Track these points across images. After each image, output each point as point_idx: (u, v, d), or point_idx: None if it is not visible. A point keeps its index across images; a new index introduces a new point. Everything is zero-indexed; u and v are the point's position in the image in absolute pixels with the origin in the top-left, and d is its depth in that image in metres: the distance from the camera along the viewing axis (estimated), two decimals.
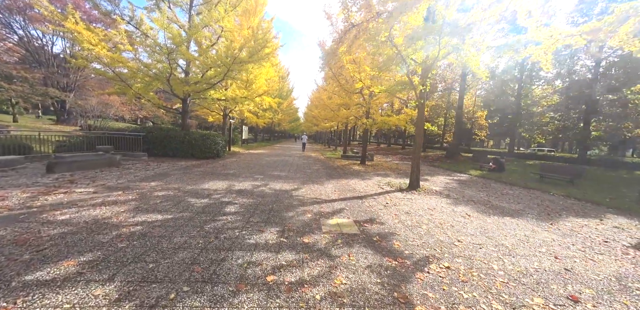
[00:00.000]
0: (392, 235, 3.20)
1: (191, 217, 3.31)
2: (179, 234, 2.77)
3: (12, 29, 21.32)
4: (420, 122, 6.07)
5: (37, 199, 3.60)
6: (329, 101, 13.04)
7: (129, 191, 4.37)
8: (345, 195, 5.36)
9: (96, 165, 6.41)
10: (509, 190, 7.28)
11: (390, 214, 4.17)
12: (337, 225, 3.46)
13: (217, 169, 7.59)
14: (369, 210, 4.31)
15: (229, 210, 3.75)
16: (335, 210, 4.19)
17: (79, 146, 8.26)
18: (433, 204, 5.04)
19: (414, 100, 5.99)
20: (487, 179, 9.38)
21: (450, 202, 5.24)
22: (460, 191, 6.63)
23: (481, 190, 7.02)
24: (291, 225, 3.31)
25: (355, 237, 3.04)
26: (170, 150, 9.48)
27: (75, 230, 2.64)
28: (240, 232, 2.93)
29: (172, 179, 5.73)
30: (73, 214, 3.12)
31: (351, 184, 6.77)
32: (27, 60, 22.86)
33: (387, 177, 8.38)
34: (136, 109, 24.88)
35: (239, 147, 18.33)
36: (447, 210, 4.61)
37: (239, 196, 4.60)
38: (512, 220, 4.15)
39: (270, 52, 9.37)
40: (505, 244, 3.10)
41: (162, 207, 3.62)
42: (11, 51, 22.42)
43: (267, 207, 4.03)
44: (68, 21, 6.30)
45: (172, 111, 10.91)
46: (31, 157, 6.87)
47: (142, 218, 3.15)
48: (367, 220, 3.76)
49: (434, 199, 5.50)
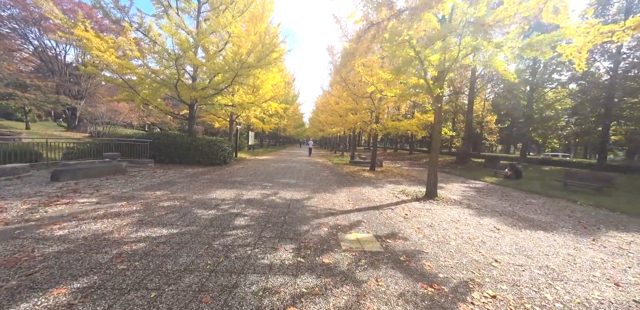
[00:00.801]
0: (419, 253, 2.87)
1: (198, 232, 3.04)
2: (185, 252, 2.50)
3: (27, 40, 22.03)
4: (437, 127, 5.76)
5: (37, 210, 3.39)
6: (337, 106, 12.85)
7: (133, 201, 4.15)
8: (360, 205, 5.04)
9: (102, 173, 6.25)
10: (531, 199, 6.83)
11: (412, 227, 3.83)
12: (357, 241, 3.15)
13: (225, 177, 7.36)
14: (389, 222, 3.98)
15: (239, 223, 3.48)
16: (352, 222, 3.87)
17: (87, 153, 8.17)
18: (455, 215, 4.67)
19: (430, 104, 5.69)
20: (505, 187, 8.93)
21: (473, 213, 4.86)
22: (480, 200, 6.24)
23: (502, 199, 6.60)
24: (307, 241, 3.01)
25: (379, 256, 2.72)
26: (177, 157, 9.34)
27: (72, 249, 2.39)
28: (252, 250, 2.64)
29: (179, 187, 5.51)
30: (72, 228, 2.89)
31: (364, 192, 6.44)
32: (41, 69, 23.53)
33: (400, 185, 8.03)
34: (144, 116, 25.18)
35: (246, 153, 18.20)
36: (472, 222, 4.24)
37: (248, 207, 4.33)
38: (547, 235, 3.76)
39: (278, 57, 9.27)
40: (550, 265, 2.73)
41: (167, 220, 3.37)
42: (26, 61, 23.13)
43: (279, 219, 3.75)
44: (77, 28, 6.29)
45: (179, 117, 10.86)
46: (38, 164, 6.78)
47: (146, 233, 2.90)
48: (388, 234, 3.43)
49: (454, 209, 5.13)
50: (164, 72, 8.00)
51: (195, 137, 10.07)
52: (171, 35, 7.47)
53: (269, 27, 12.06)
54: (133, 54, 7.34)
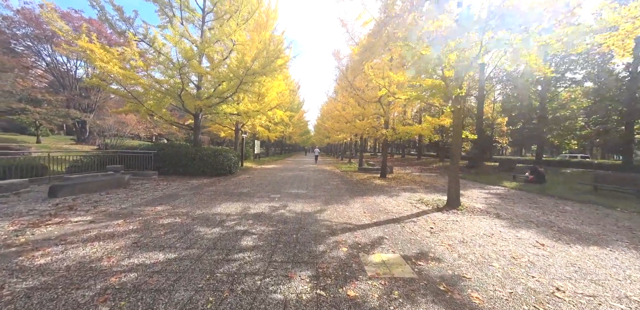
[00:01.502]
0: (461, 279, 2.39)
1: (199, 256, 2.64)
2: (182, 284, 2.09)
3: (41, 56, 22.79)
4: (457, 130, 5.33)
5: (23, 233, 3.07)
6: (344, 112, 12.55)
7: (131, 219, 3.79)
8: (378, 217, 4.57)
9: (103, 187, 5.98)
10: (564, 206, 6.23)
11: (442, 243, 3.35)
12: (383, 264, 2.69)
13: (230, 188, 7.01)
14: (414, 239, 3.51)
15: (246, 243, 3.07)
16: (373, 239, 3.41)
17: (90, 166, 7.98)
18: (487, 227, 4.16)
19: (449, 106, 5.30)
20: (529, 192, 8.30)
21: (506, 225, 4.34)
22: (508, 209, 5.68)
23: (532, 206, 6.02)
24: (325, 266, 2.57)
25: (414, 285, 2.25)
26: (182, 168, 9.08)
27: (49, 284, 2.02)
28: (262, 280, 2.22)
29: (181, 201, 5.16)
30: (57, 254, 2.53)
31: (379, 202, 5.97)
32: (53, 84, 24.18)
33: (416, 193, 7.52)
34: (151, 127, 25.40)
35: (252, 162, 17.95)
36: (509, 236, 3.73)
37: (256, 223, 3.93)
38: (604, 252, 3.21)
39: (283, 64, 9.09)
40: (630, 295, 2.21)
41: (165, 242, 2.99)
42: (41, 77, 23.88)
43: (291, 238, 3.32)
44: (81, 40, 6.22)
45: (184, 127, 10.70)
46: (39, 179, 6.57)
47: (140, 259, 2.52)
48: (417, 254, 2.96)
49: (483, 220, 4.61)
50: (168, 82, 7.87)
51: (200, 147, 9.84)
52: (174, 44, 7.37)
53: (273, 34, 12.02)
54: (137, 64, 7.24)
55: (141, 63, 7.33)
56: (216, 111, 9.68)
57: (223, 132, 17.79)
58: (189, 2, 8.80)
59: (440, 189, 8.57)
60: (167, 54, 8.24)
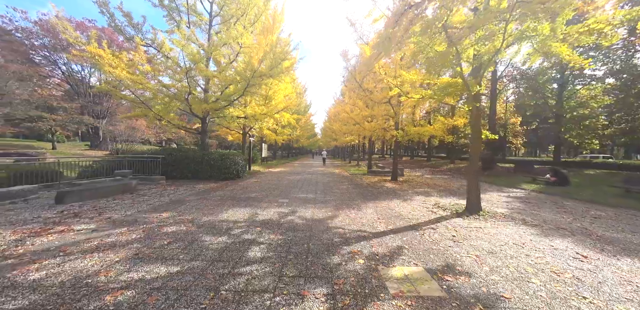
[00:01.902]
0: (499, 300, 2.08)
1: (204, 270, 2.43)
2: (183, 304, 1.87)
3: (57, 65, 23.61)
4: (476, 130, 4.99)
5: (23, 243, 2.93)
6: (352, 114, 12.29)
7: (135, 227, 3.63)
8: (393, 224, 4.27)
9: (110, 193, 5.90)
10: (595, 210, 5.75)
11: (468, 254, 3.03)
12: (406, 279, 2.40)
13: (238, 193, 6.83)
14: (436, 249, 3.19)
15: (254, 255, 2.84)
16: (392, 249, 3.12)
17: (99, 171, 7.99)
18: (515, 235, 3.79)
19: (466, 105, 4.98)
20: (552, 195, 7.79)
21: (536, 233, 3.95)
22: (534, 214, 5.26)
23: (559, 211, 5.58)
24: (342, 281, 2.30)
25: (445, 306, 1.96)
26: (189, 172, 9.00)
27: (39, 303, 1.83)
28: (272, 300, 1.97)
29: (187, 207, 5.00)
30: (53, 268, 2.36)
31: (393, 207, 5.65)
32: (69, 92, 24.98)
33: (431, 196, 7.15)
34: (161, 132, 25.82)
35: (259, 165, 17.86)
36: (542, 246, 3.36)
37: (264, 230, 3.70)
38: None
39: (290, 66, 8.97)
40: None
41: (168, 253, 2.79)
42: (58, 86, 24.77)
43: (302, 248, 3.07)
44: (90, 46, 6.25)
45: (191, 131, 10.68)
46: (50, 185, 6.57)
47: (139, 273, 2.32)
48: (443, 267, 2.66)
49: (509, 227, 4.24)
50: (175, 86, 7.84)
51: (207, 151, 9.77)
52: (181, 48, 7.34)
53: (279, 37, 11.96)
54: (145, 68, 7.24)
55: (149, 68, 7.33)
56: (223, 114, 9.62)
57: (231, 136, 17.83)
58: (196, 6, 8.84)
59: (455, 192, 8.16)
60: (175, 59, 8.25)
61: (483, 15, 3.21)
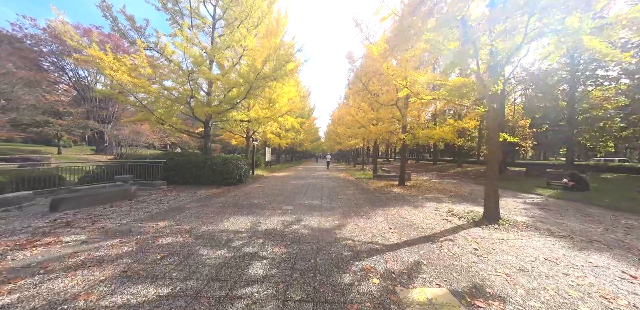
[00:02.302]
0: None
1: (198, 292, 2.13)
2: None
3: (64, 71, 23.97)
4: (494, 133, 4.66)
5: (4, 257, 2.68)
6: (357, 116, 12.02)
7: (128, 238, 3.36)
8: (407, 234, 3.93)
9: (108, 199, 5.67)
10: (625, 219, 5.32)
11: (496, 272, 2.68)
12: (429, 304, 2.07)
13: (240, 199, 6.56)
14: (459, 265, 2.85)
15: (255, 272, 2.53)
16: (409, 266, 2.79)
17: (101, 176, 7.81)
18: (544, 249, 3.42)
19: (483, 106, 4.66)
20: (573, 202, 7.34)
21: (567, 245, 3.57)
22: (558, 223, 4.86)
23: (585, 220, 5.16)
24: (356, 307, 1.98)
25: None
26: (191, 177, 8.78)
27: None
28: None
29: (186, 215, 4.73)
30: (28, 289, 2.09)
31: (404, 214, 5.30)
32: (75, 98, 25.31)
33: (442, 203, 6.78)
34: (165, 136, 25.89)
35: (263, 169, 17.63)
36: (579, 262, 2.99)
37: (267, 242, 3.40)
38: None
39: (294, 68, 8.78)
40: None
41: (160, 270, 2.51)
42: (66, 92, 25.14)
43: (309, 264, 2.76)
44: (91, 49, 6.14)
45: (194, 135, 10.52)
46: (47, 191, 6.39)
47: (124, 296, 2.03)
48: (470, 289, 2.32)
49: (535, 238, 3.86)
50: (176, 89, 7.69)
51: (210, 155, 9.56)
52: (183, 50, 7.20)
53: (283, 41, 11.85)
54: (146, 71, 7.10)
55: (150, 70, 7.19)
56: (226, 118, 9.43)
57: (234, 140, 17.69)
58: (199, 9, 8.76)
59: (467, 198, 7.76)
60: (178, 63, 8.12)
61: (506, 6, 2.93)
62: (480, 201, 7.15)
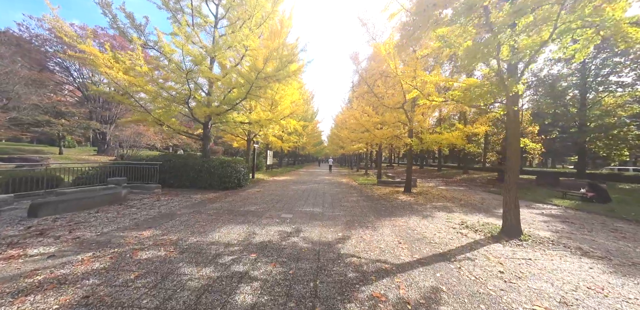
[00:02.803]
0: None
1: None
2: None
3: (69, 72, 24.08)
4: (514, 139, 4.23)
5: None
6: (362, 120, 11.64)
7: (103, 252, 2.96)
8: (419, 251, 3.47)
9: (95, 204, 5.30)
10: None
11: (532, 305, 2.22)
12: None
13: (236, 205, 6.15)
14: (485, 293, 2.39)
15: (242, 299, 2.11)
16: (425, 293, 2.34)
17: (95, 178, 7.47)
18: (580, 273, 2.95)
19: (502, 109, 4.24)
20: (596, 214, 6.80)
21: (608, 270, 3.09)
22: (587, 239, 4.37)
23: (617, 236, 4.65)
24: None
25: None
26: (188, 180, 8.41)
27: None
28: None
29: (176, 223, 4.33)
30: None
31: (413, 226, 4.85)
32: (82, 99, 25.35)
33: (453, 213, 6.30)
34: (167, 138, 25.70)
35: (264, 173, 17.24)
36: (632, 295, 2.51)
37: (260, 258, 2.97)
38: None
39: (297, 69, 8.46)
40: None
41: (129, 295, 2.09)
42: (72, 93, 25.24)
43: (307, 289, 2.32)
44: (84, 44, 5.88)
45: (193, 137, 10.20)
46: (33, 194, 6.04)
47: None
48: None
49: (568, 259, 3.38)
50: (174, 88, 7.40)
51: (208, 158, 9.21)
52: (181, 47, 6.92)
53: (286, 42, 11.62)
54: (142, 69, 6.83)
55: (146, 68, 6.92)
56: (226, 119, 9.10)
57: (236, 143, 17.38)
58: (201, 7, 8.55)
59: (479, 207, 7.27)
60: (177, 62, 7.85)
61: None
62: (494, 211, 6.67)
